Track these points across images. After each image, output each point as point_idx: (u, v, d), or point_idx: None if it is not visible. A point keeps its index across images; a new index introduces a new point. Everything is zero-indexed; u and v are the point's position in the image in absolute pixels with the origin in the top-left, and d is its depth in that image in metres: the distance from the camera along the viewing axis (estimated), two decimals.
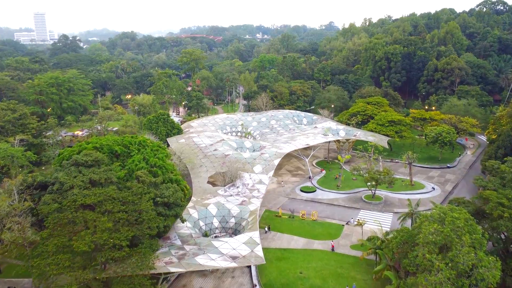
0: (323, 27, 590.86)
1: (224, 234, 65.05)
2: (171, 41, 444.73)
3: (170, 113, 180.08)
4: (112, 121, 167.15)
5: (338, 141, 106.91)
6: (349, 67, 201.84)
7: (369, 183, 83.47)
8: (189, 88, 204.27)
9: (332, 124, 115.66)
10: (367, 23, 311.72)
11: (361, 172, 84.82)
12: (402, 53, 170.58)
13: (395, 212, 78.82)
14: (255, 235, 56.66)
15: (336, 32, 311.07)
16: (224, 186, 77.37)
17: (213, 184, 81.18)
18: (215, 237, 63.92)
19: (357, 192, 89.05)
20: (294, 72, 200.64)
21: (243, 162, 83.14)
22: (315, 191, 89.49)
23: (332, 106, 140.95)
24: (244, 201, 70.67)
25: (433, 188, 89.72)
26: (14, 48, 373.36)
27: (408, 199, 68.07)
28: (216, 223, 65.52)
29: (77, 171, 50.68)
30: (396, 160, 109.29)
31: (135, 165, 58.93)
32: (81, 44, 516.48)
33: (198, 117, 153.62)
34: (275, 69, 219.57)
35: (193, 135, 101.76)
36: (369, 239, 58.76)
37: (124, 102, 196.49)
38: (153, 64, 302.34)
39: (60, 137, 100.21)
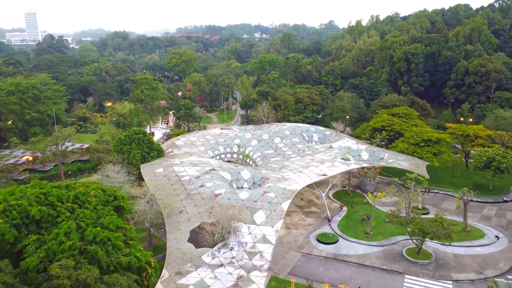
0: (323, 26, 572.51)
1: None
2: (165, 40, 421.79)
3: (159, 124, 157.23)
4: (90, 133, 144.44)
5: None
6: (360, 69, 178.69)
7: (409, 229, 60.58)
8: (180, 93, 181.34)
9: (351, 143, 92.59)
10: (374, 20, 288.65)
11: (402, 219, 61.68)
12: (425, 53, 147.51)
13: (456, 280, 55.64)
14: None
15: (342, 30, 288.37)
16: (213, 246, 54.14)
17: (199, 236, 57.68)
18: None
19: (394, 243, 65.72)
20: (298, 75, 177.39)
21: (239, 206, 59.91)
22: (337, 241, 66.20)
23: (347, 117, 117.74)
24: (242, 277, 47.45)
25: (497, 237, 66.44)
26: None
27: (494, 282, 44.77)
28: None
29: None
30: (435, 190, 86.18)
31: (59, 243, 35.58)
32: (74, 45, 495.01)
33: (188, 129, 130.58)
34: (276, 71, 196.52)
35: (175, 161, 78.36)
36: None
37: (106, 109, 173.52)
38: (143, 66, 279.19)
39: (2, 164, 76.71)
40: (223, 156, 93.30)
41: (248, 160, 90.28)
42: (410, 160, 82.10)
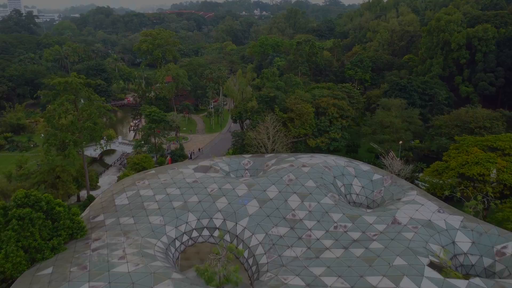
0: (327, 3, 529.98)
1: None
2: (153, 17, 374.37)
3: (119, 137, 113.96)
4: (19, 152, 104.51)
5: None
6: (396, 58, 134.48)
7: None
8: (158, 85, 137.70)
9: (429, 209, 50.40)
10: None
11: None
12: (497, 38, 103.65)
13: None
14: None
15: (360, 6, 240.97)
16: None
17: None
18: None
19: None
20: (312, 66, 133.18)
21: None
22: None
23: (400, 142, 74.77)
24: None
25: None
26: None
27: None
28: None
29: None
30: None
31: None
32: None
33: (156, 148, 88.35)
34: (281, 58, 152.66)
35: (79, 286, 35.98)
36: None
37: None
38: (121, 48, 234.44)
39: None
40: (195, 235, 50.92)
41: (242, 256, 47.61)
42: None
